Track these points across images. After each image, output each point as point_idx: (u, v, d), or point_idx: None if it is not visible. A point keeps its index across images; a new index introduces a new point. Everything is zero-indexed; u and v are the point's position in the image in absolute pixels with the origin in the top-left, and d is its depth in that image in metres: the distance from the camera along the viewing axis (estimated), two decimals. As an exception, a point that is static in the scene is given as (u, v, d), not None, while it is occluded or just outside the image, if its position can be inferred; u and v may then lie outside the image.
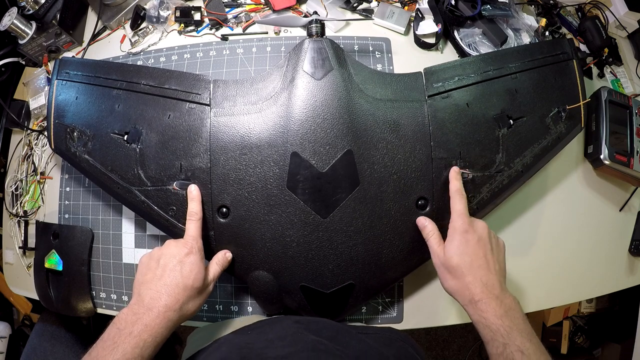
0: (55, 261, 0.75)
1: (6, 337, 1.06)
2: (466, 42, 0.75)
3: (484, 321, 0.48)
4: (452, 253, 0.52)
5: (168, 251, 0.52)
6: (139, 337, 0.44)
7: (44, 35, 0.82)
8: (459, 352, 1.56)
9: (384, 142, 0.61)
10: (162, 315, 0.47)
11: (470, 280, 0.50)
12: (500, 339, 0.46)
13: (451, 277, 0.52)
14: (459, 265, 0.51)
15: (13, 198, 0.84)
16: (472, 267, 0.50)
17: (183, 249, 0.52)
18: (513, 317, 0.47)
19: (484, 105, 0.63)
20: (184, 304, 0.49)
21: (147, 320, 0.46)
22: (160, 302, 0.47)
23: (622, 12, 0.85)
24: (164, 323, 0.47)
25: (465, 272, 0.50)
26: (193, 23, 0.81)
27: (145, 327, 0.45)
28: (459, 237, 0.52)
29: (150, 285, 0.49)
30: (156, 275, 0.50)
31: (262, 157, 0.60)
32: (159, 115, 0.64)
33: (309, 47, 0.61)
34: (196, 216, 0.57)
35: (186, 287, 0.49)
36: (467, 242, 0.52)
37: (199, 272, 0.51)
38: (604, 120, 0.73)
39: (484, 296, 0.48)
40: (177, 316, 0.48)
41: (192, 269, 0.51)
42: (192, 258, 0.52)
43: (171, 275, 0.50)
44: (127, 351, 0.43)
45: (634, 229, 0.77)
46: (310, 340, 0.46)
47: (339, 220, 0.59)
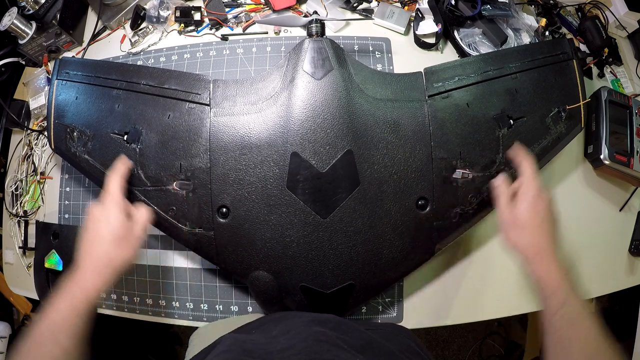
0: (55, 261, 0.75)
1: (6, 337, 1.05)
2: (466, 42, 0.75)
3: (548, 275, 0.50)
4: (524, 211, 0.54)
5: (91, 216, 0.55)
6: (72, 295, 0.48)
7: (44, 35, 0.82)
8: (459, 352, 1.56)
9: (384, 142, 0.61)
10: (91, 270, 0.51)
11: (538, 238, 0.53)
12: (560, 296, 0.48)
13: (519, 232, 0.54)
14: (528, 222, 0.54)
15: (13, 198, 0.84)
16: (540, 227, 0.54)
17: (99, 205, 0.55)
18: (572, 282, 0.50)
19: (484, 105, 0.63)
20: (112, 255, 0.52)
21: (77, 277, 0.50)
22: (89, 259, 0.52)
23: (622, 12, 0.85)
24: (93, 277, 0.50)
25: (534, 230, 0.53)
26: (193, 23, 0.81)
27: (75, 284, 0.50)
28: (531, 198, 0.55)
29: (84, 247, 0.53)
30: (84, 239, 0.54)
31: (262, 157, 0.60)
32: (158, 115, 0.64)
33: (309, 47, 0.61)
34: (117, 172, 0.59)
35: (112, 237, 0.52)
36: (537, 204, 0.55)
37: (118, 222, 0.54)
38: (604, 120, 0.73)
39: (549, 254, 0.52)
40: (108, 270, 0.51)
41: (110, 220, 0.53)
42: (110, 210, 0.54)
43: (94, 233, 0.54)
44: (61, 308, 0.47)
45: (634, 229, 0.77)
46: (313, 332, 0.46)
47: (339, 220, 0.59)
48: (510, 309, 0.72)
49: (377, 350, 0.46)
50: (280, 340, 0.46)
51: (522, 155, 0.59)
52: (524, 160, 0.58)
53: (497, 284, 0.72)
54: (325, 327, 0.48)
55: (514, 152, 0.60)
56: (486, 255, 0.73)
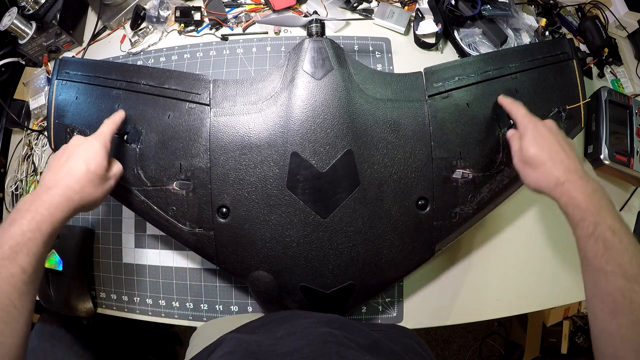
0: (55, 261, 0.74)
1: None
2: (466, 42, 0.75)
3: (573, 201, 0.47)
4: (528, 145, 0.52)
5: (74, 142, 0.54)
6: (36, 211, 0.45)
7: (44, 35, 0.82)
8: (459, 352, 1.57)
9: (384, 142, 0.61)
10: (61, 192, 0.48)
11: (551, 164, 0.50)
12: (590, 218, 0.45)
13: (532, 168, 0.52)
14: (536, 154, 0.51)
15: (13, 198, 0.84)
16: (550, 152, 0.51)
17: (89, 139, 0.54)
18: (602, 197, 0.47)
19: (484, 105, 0.63)
20: (84, 186, 0.50)
21: (45, 197, 0.47)
22: (61, 181, 0.49)
23: (622, 12, 0.85)
24: (62, 200, 0.48)
25: (544, 159, 0.51)
26: (193, 23, 0.81)
27: (42, 202, 0.46)
28: (531, 130, 0.53)
29: (55, 170, 0.51)
30: (60, 162, 0.52)
31: (262, 157, 0.60)
32: (158, 115, 0.64)
33: (309, 46, 0.61)
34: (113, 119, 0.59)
35: (89, 170, 0.51)
36: (539, 133, 0.53)
37: (102, 160, 0.53)
38: (604, 120, 0.73)
39: (569, 176, 0.48)
40: (78, 198, 0.49)
41: (95, 156, 0.52)
42: (96, 145, 0.53)
43: (75, 160, 0.52)
44: (23, 224, 0.44)
45: (634, 229, 0.77)
46: (320, 333, 0.45)
47: (339, 220, 0.59)
48: (510, 309, 0.72)
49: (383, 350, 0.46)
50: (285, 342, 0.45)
51: (508, 103, 0.58)
52: (511, 105, 0.58)
53: (497, 284, 0.72)
54: (331, 327, 0.47)
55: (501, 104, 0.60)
56: (486, 255, 0.73)
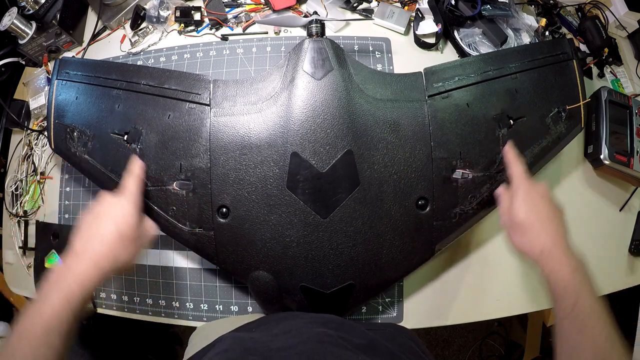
0: (55, 261, 0.75)
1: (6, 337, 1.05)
2: (466, 42, 0.75)
3: (556, 274, 0.47)
4: (519, 209, 0.53)
5: (103, 203, 0.52)
6: (65, 284, 0.44)
7: (44, 35, 0.82)
8: (459, 352, 1.57)
9: (384, 142, 0.61)
10: (91, 262, 0.46)
11: (540, 232, 0.50)
12: (571, 294, 0.45)
13: (520, 232, 0.52)
14: (526, 220, 0.52)
15: (13, 198, 0.84)
16: (539, 220, 0.51)
17: (119, 199, 0.52)
18: (584, 273, 0.47)
19: (484, 105, 0.63)
20: (116, 252, 0.48)
21: (73, 266, 0.45)
22: (89, 248, 0.47)
23: (622, 12, 0.85)
24: (93, 270, 0.46)
25: (534, 226, 0.51)
26: (193, 23, 0.81)
27: (71, 273, 0.45)
28: (523, 194, 0.53)
29: (83, 235, 0.49)
30: (90, 225, 0.50)
31: (262, 157, 0.60)
32: (159, 115, 0.64)
33: (309, 47, 0.61)
34: (133, 173, 0.57)
35: (120, 234, 0.49)
36: (531, 198, 0.53)
37: (132, 220, 0.50)
38: (604, 120, 0.73)
39: (555, 248, 0.48)
40: (108, 264, 0.47)
41: (125, 215, 0.50)
42: (125, 205, 0.51)
43: (103, 223, 0.49)
44: (54, 302, 0.43)
45: (634, 229, 0.77)
46: (315, 333, 0.45)
47: (339, 220, 0.59)
48: (510, 309, 0.72)
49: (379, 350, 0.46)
50: (281, 339, 0.46)
51: (510, 157, 0.58)
52: (511, 161, 0.58)
53: (497, 284, 0.72)
54: (327, 327, 0.47)
55: (504, 153, 0.60)
56: (486, 255, 0.73)
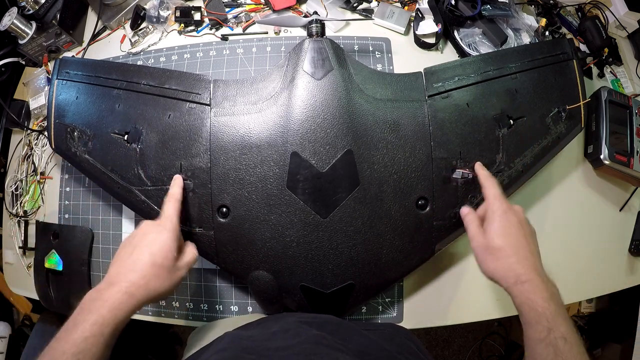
0: (55, 261, 0.75)
1: (6, 337, 1.05)
2: (466, 42, 0.75)
3: (530, 303, 0.46)
4: (494, 234, 0.50)
5: (141, 230, 0.51)
6: (98, 313, 0.42)
7: (44, 35, 0.82)
8: (459, 352, 1.56)
9: (384, 142, 0.61)
10: (124, 290, 0.45)
11: (515, 260, 0.48)
12: (544, 323, 0.44)
13: (493, 258, 0.50)
14: (502, 247, 0.49)
15: (13, 198, 0.84)
16: (516, 247, 0.49)
17: (156, 227, 0.51)
18: (558, 302, 0.46)
19: (484, 105, 0.63)
20: (150, 281, 0.47)
21: (107, 295, 0.44)
22: (124, 277, 0.46)
23: (622, 12, 0.85)
24: (125, 299, 0.45)
25: (509, 253, 0.49)
26: (193, 23, 0.81)
27: (104, 302, 0.43)
28: (500, 218, 0.51)
29: (119, 263, 0.48)
30: (127, 252, 0.49)
31: (262, 157, 0.60)
32: (159, 115, 0.64)
33: (309, 47, 0.61)
34: (174, 197, 0.56)
35: (154, 264, 0.48)
36: (509, 222, 0.51)
37: (170, 251, 0.49)
38: (604, 120, 0.73)
39: (530, 277, 0.47)
40: (141, 293, 0.46)
41: (162, 246, 0.49)
42: (164, 235, 0.50)
43: (140, 252, 0.48)
44: (86, 329, 0.41)
45: (634, 229, 0.77)
46: (312, 335, 0.45)
47: (339, 220, 0.59)
48: (510, 309, 0.71)
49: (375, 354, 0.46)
50: (278, 338, 0.46)
51: (483, 176, 0.56)
52: (485, 180, 0.55)
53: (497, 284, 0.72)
54: (324, 330, 0.48)
55: (476, 173, 0.57)
56: (486, 255, 0.73)
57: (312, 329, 0.48)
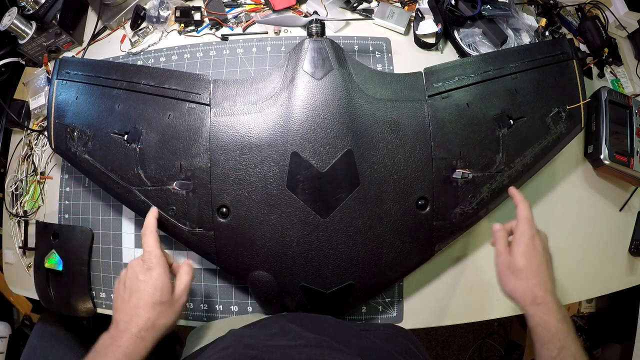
0: (55, 261, 0.74)
1: (6, 337, 1.05)
2: (466, 42, 0.75)
3: (544, 323, 0.49)
4: (520, 255, 0.53)
5: (131, 273, 0.53)
6: (114, 358, 0.46)
7: (44, 35, 0.82)
8: (459, 352, 1.56)
9: (384, 142, 0.61)
10: (135, 335, 0.48)
11: (535, 283, 0.52)
12: (557, 342, 0.48)
13: (515, 278, 0.53)
14: (525, 268, 0.53)
15: (13, 198, 0.84)
16: (537, 271, 0.53)
17: (143, 266, 0.52)
18: (569, 323, 0.50)
19: (484, 105, 0.63)
20: (155, 321, 0.49)
21: (121, 341, 0.47)
22: (132, 324, 0.48)
23: (622, 12, 0.85)
24: (138, 342, 0.48)
25: (530, 275, 0.52)
26: (193, 23, 0.81)
27: (119, 347, 0.47)
28: (527, 241, 0.54)
29: (122, 310, 0.50)
30: (125, 299, 0.51)
31: (262, 157, 0.60)
32: (159, 115, 0.64)
33: (309, 47, 0.61)
34: (150, 229, 0.56)
35: (154, 304, 0.50)
36: (534, 247, 0.54)
37: (164, 287, 0.51)
38: (604, 120, 0.73)
39: (547, 299, 0.51)
40: (150, 334, 0.49)
41: (156, 285, 0.51)
42: (154, 273, 0.52)
43: (137, 296, 0.50)
44: None
45: (634, 229, 0.77)
46: (313, 338, 0.46)
47: (339, 220, 0.59)
48: (510, 309, 0.72)
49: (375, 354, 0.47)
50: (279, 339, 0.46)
51: (517, 198, 0.58)
52: (519, 203, 0.57)
53: (497, 284, 0.72)
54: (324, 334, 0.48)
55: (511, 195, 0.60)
56: (486, 255, 0.73)
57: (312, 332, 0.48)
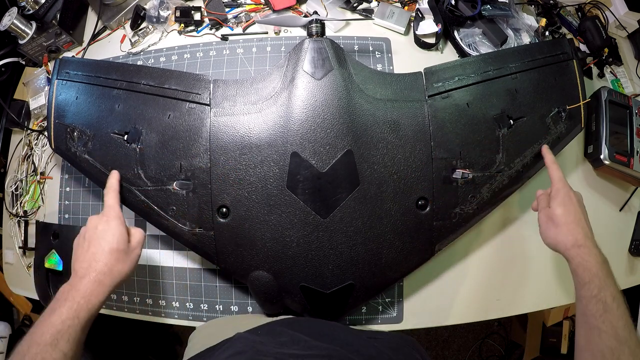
0: (55, 261, 0.74)
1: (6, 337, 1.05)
2: (466, 42, 0.75)
3: (586, 264, 0.52)
4: (557, 205, 0.57)
5: (90, 225, 0.56)
6: (73, 300, 0.49)
7: (44, 35, 0.82)
8: (459, 352, 1.57)
9: (384, 142, 0.61)
10: (93, 279, 0.51)
11: (575, 227, 0.55)
12: (597, 282, 0.51)
13: (554, 225, 0.57)
14: (563, 214, 0.56)
15: (13, 198, 0.84)
16: (575, 217, 0.56)
17: (102, 218, 0.56)
18: (608, 267, 0.53)
19: (484, 105, 0.63)
20: (112, 266, 0.53)
21: (79, 286, 0.50)
22: (90, 269, 0.52)
23: (622, 12, 0.85)
24: (95, 286, 0.51)
25: (570, 220, 0.56)
26: (193, 23, 0.81)
27: (77, 291, 0.50)
28: (563, 194, 0.58)
29: (81, 259, 0.53)
30: (84, 248, 0.54)
31: (262, 157, 0.60)
32: (159, 115, 0.64)
33: (309, 47, 0.61)
34: (112, 188, 0.61)
35: (112, 250, 0.53)
36: (570, 199, 0.58)
37: (121, 235, 0.55)
38: (604, 120, 0.73)
39: (587, 242, 0.54)
40: (108, 279, 0.52)
41: (114, 233, 0.54)
42: (112, 223, 0.55)
43: (96, 244, 0.54)
44: (62, 313, 0.47)
45: (634, 229, 0.77)
46: (324, 347, 0.47)
47: (339, 220, 0.59)
48: (510, 309, 0.72)
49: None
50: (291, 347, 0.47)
51: (549, 161, 0.62)
52: (551, 165, 0.61)
53: (497, 284, 0.72)
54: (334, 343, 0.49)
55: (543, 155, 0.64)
56: (486, 255, 0.73)
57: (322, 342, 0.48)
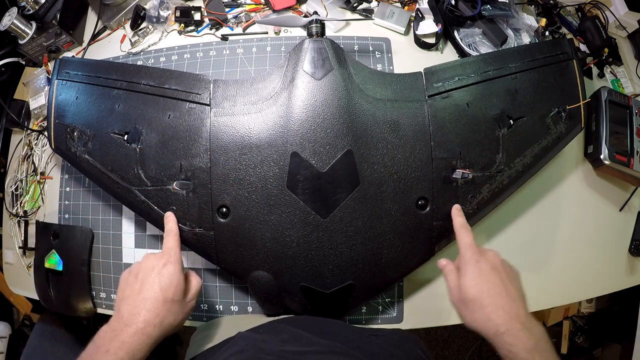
0: (55, 261, 0.75)
1: (6, 337, 1.05)
2: (466, 42, 0.75)
3: (512, 356, 0.44)
4: (468, 285, 0.49)
5: (146, 264, 0.51)
6: (116, 355, 0.43)
7: (44, 35, 0.82)
8: (459, 352, 1.56)
9: (384, 142, 0.61)
10: (140, 331, 0.45)
11: (491, 310, 0.46)
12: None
13: (470, 311, 0.48)
14: (476, 297, 0.48)
15: (13, 198, 0.84)
16: (490, 295, 0.47)
17: (161, 260, 0.51)
18: (543, 351, 0.44)
19: (484, 105, 0.63)
20: (164, 318, 0.47)
21: (124, 337, 0.44)
22: (139, 317, 0.46)
23: (622, 12, 0.85)
24: (142, 339, 0.45)
25: (484, 303, 0.47)
26: (193, 23, 0.81)
27: (122, 344, 0.44)
28: (472, 267, 0.50)
29: (129, 301, 0.48)
30: (135, 290, 0.48)
31: (262, 157, 0.60)
32: (159, 115, 0.64)
33: (309, 47, 0.61)
34: (173, 232, 0.56)
35: (165, 300, 0.48)
36: (480, 271, 0.49)
37: (179, 284, 0.49)
38: (604, 120, 0.73)
39: (509, 326, 0.45)
40: (157, 331, 0.46)
41: (171, 280, 0.49)
42: (170, 269, 0.50)
43: (149, 289, 0.48)
44: None
45: (634, 229, 0.77)
46: (326, 343, 0.46)
47: (339, 220, 0.59)
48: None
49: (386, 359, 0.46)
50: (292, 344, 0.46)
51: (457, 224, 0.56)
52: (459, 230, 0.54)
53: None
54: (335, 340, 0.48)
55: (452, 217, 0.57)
56: (486, 255, 0.73)
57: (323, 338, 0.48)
